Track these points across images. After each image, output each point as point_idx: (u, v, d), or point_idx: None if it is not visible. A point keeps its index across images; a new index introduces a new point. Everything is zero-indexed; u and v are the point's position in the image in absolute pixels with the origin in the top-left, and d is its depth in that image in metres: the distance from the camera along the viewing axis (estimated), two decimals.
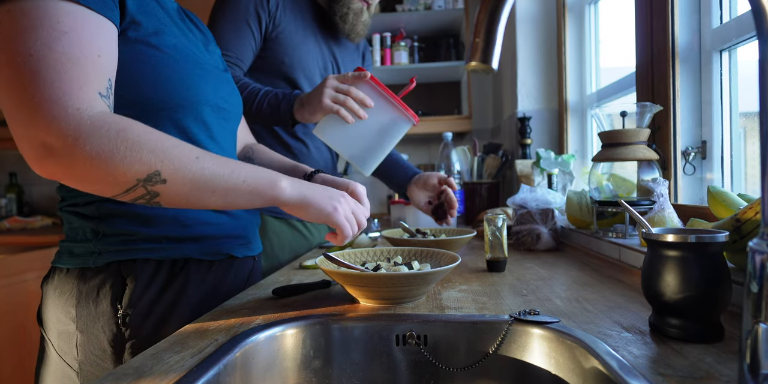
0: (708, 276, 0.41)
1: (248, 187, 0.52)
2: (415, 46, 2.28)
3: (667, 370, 0.36)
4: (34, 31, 0.44)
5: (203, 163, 0.49)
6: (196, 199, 0.50)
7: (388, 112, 0.86)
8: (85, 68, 0.46)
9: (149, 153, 0.46)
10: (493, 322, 0.50)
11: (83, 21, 0.47)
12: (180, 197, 0.49)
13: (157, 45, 0.56)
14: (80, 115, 0.44)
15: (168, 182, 0.47)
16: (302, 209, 0.57)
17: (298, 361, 0.51)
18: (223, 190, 0.51)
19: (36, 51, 0.43)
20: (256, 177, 0.53)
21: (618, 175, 0.89)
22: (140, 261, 0.59)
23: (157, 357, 0.42)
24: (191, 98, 0.60)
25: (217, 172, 0.50)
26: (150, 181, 0.46)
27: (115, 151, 0.44)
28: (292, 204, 0.56)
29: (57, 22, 0.45)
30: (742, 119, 0.82)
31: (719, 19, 0.83)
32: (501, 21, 0.41)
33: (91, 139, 0.43)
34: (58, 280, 0.59)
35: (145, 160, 0.45)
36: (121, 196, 0.47)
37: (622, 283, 0.66)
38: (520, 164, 1.43)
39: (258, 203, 0.54)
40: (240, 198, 0.52)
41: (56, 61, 0.44)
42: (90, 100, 0.45)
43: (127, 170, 0.45)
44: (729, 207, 0.59)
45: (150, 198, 0.48)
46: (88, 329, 0.57)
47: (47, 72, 0.43)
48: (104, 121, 0.44)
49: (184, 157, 0.48)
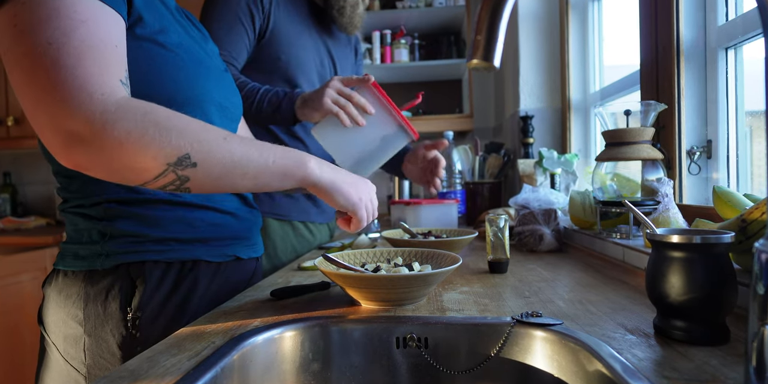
0: (713, 277, 0.40)
1: (278, 168, 0.52)
2: (416, 43, 2.26)
3: (672, 373, 0.36)
4: (51, 21, 0.43)
5: (231, 144, 0.48)
6: (226, 182, 0.49)
7: (387, 124, 0.85)
8: (105, 55, 0.45)
9: (178, 135, 0.45)
10: (495, 324, 0.50)
11: (99, 12, 0.46)
12: (210, 181, 0.48)
13: (163, 43, 0.56)
14: (105, 101, 0.43)
15: (198, 165, 0.46)
16: (330, 194, 0.57)
17: (296, 364, 0.50)
18: (253, 172, 0.50)
19: (55, 40, 0.43)
20: (285, 157, 0.53)
21: (622, 174, 0.89)
22: (149, 263, 0.58)
23: (153, 360, 0.41)
24: (196, 97, 0.59)
25: (246, 153, 0.49)
26: (180, 165, 0.45)
27: (144, 134, 0.43)
28: (321, 187, 0.57)
29: (74, 12, 0.44)
30: (748, 118, 0.81)
31: (725, 16, 0.82)
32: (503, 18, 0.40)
33: (118, 123, 0.42)
34: (62, 282, 0.58)
35: (175, 143, 0.44)
36: (152, 183, 0.46)
37: (626, 284, 0.66)
38: (522, 164, 1.42)
39: (288, 184, 0.54)
40: (270, 179, 0.52)
41: (76, 48, 0.43)
42: (113, 86, 0.44)
43: (157, 154, 0.44)
44: (735, 207, 0.59)
45: (180, 184, 0.47)
46: (97, 332, 0.56)
47: (68, 59, 0.43)
48: (129, 105, 0.44)
49: (212, 139, 0.47)
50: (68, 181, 0.59)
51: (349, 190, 0.58)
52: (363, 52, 2.15)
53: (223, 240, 0.65)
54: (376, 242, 1.08)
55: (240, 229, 0.68)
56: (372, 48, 2.19)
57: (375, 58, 2.18)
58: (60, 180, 0.60)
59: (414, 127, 0.88)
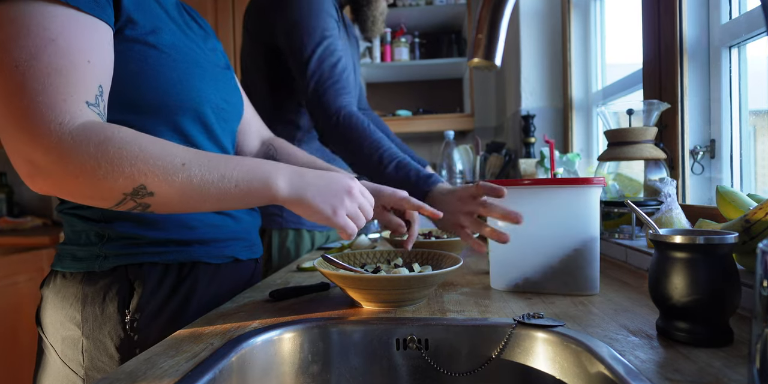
0: (717, 278, 0.40)
1: (240, 191, 0.49)
2: (416, 42, 2.26)
3: (674, 375, 0.36)
4: (20, 40, 0.43)
5: (190, 170, 0.47)
6: (189, 206, 0.49)
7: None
8: (71, 78, 0.44)
9: (131, 166, 0.44)
10: (496, 325, 0.49)
11: (72, 25, 0.45)
12: (172, 206, 0.48)
13: (155, 44, 0.55)
14: (62, 130, 0.43)
15: (156, 195, 0.46)
16: (300, 210, 0.55)
17: (295, 366, 0.50)
18: (215, 197, 0.48)
19: (22, 62, 0.42)
20: (250, 179, 0.50)
21: (624, 174, 0.88)
22: (147, 265, 0.58)
23: (151, 361, 0.41)
24: (191, 99, 0.59)
25: (206, 179, 0.47)
26: (137, 194, 0.45)
27: (96, 168, 0.43)
28: (290, 204, 0.54)
29: (44, 29, 0.43)
30: (752, 117, 0.81)
31: (728, 15, 0.82)
32: (504, 16, 0.40)
33: (72, 156, 0.42)
34: (60, 284, 0.58)
35: (128, 174, 0.44)
36: (114, 207, 0.47)
37: (629, 285, 0.65)
38: (523, 163, 1.41)
39: (255, 204, 0.53)
40: (235, 202, 0.50)
41: (41, 71, 0.43)
42: (74, 112, 0.44)
43: (112, 186, 0.44)
44: (738, 207, 0.58)
45: (143, 209, 0.48)
46: (94, 335, 0.56)
47: (32, 84, 0.42)
48: (85, 134, 0.43)
49: (169, 167, 0.46)
50: None
51: (321, 203, 0.53)
52: (362, 50, 2.16)
53: (222, 241, 0.65)
54: (376, 243, 1.07)
55: (238, 230, 0.68)
56: (372, 46, 2.18)
57: (375, 57, 2.17)
58: None
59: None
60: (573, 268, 0.60)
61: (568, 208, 0.59)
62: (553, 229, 0.60)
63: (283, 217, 1.05)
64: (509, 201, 0.62)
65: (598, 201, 0.60)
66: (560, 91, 1.54)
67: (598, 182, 0.58)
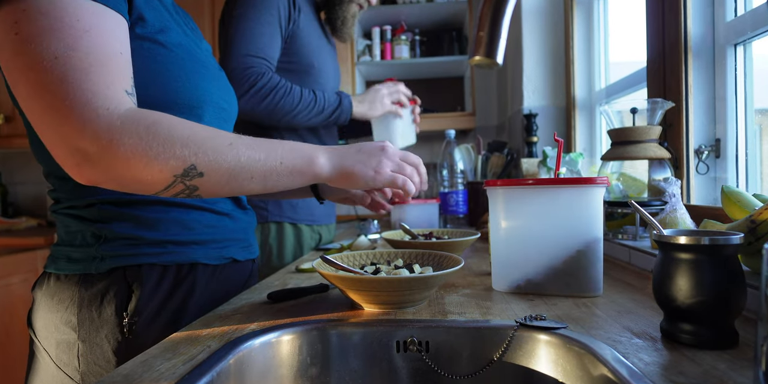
0: (722, 280, 0.39)
1: (286, 168, 0.52)
2: (417, 39, 2.25)
3: (679, 378, 0.35)
4: (55, 32, 0.43)
5: (238, 149, 0.49)
6: (236, 186, 0.50)
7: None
8: (110, 67, 0.45)
9: (182, 147, 0.45)
10: (498, 327, 0.49)
11: (101, 18, 0.46)
12: (219, 187, 0.49)
13: (163, 42, 0.56)
14: (111, 116, 0.43)
15: (206, 175, 0.47)
16: (346, 181, 0.57)
17: (294, 369, 0.49)
18: (261, 175, 0.50)
19: (61, 53, 0.43)
20: (294, 156, 0.53)
21: (628, 174, 0.88)
22: (145, 266, 0.57)
23: (148, 364, 0.41)
24: (197, 98, 0.59)
25: (253, 157, 0.49)
26: (187, 175, 0.46)
27: (148, 149, 0.44)
28: (335, 179, 0.56)
29: (76, 21, 0.44)
30: (758, 116, 0.80)
31: (734, 12, 0.81)
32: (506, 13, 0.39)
33: (123, 139, 0.43)
34: (54, 286, 0.57)
35: (180, 155, 0.45)
36: (162, 192, 0.48)
37: (632, 286, 0.64)
38: (526, 163, 1.41)
39: (299, 183, 0.54)
40: (280, 180, 0.52)
41: (81, 61, 0.43)
42: (118, 99, 0.45)
43: (163, 167, 0.45)
44: (744, 208, 0.58)
45: (190, 192, 0.48)
46: (91, 338, 0.55)
47: (74, 74, 0.43)
48: (134, 118, 0.44)
49: (218, 147, 0.47)
50: (61, 183, 0.58)
51: (362, 169, 0.57)
52: (362, 48, 2.16)
53: (220, 242, 0.65)
54: (375, 244, 1.07)
55: (235, 231, 0.68)
56: (372, 44, 2.17)
57: (375, 55, 2.16)
58: (52, 181, 0.60)
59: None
60: (576, 269, 0.59)
61: (570, 208, 0.59)
62: (555, 229, 0.60)
63: (267, 210, 1.06)
64: (512, 201, 0.62)
65: (601, 201, 0.59)
66: (563, 89, 1.53)
67: (602, 182, 0.58)
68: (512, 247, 0.62)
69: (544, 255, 0.61)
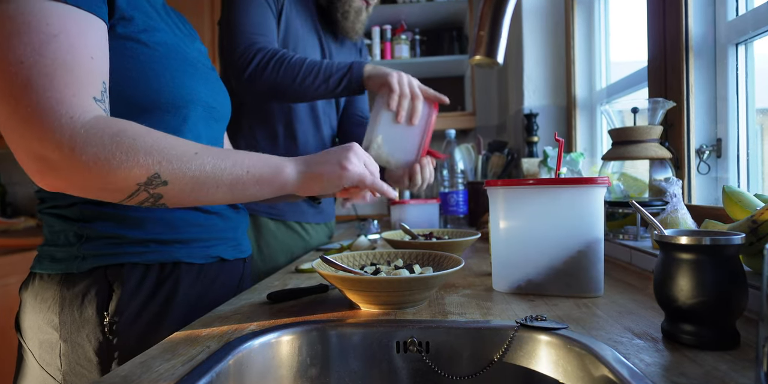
0: (723, 280, 0.39)
1: (252, 177, 0.51)
2: (417, 39, 2.24)
3: (680, 379, 0.35)
4: (23, 36, 0.42)
5: (203, 158, 0.48)
6: (201, 196, 0.50)
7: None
8: (77, 73, 0.45)
9: (146, 155, 0.45)
10: (498, 328, 0.49)
11: (72, 21, 0.45)
12: (184, 196, 0.49)
13: (146, 42, 0.55)
14: (74, 124, 0.43)
15: (170, 183, 0.47)
16: (315, 184, 0.56)
17: (294, 369, 0.49)
18: (227, 184, 0.50)
19: (27, 58, 0.42)
20: (261, 165, 0.52)
21: (629, 174, 0.87)
22: (127, 266, 0.57)
23: (146, 365, 0.41)
24: (183, 97, 0.58)
25: (218, 166, 0.49)
26: (151, 184, 0.46)
27: (111, 158, 0.43)
28: (303, 185, 0.56)
29: (46, 25, 0.43)
30: (759, 116, 0.80)
31: (735, 11, 0.81)
32: (507, 13, 0.39)
33: (86, 147, 0.43)
34: (39, 286, 0.57)
35: (143, 164, 0.45)
36: (126, 200, 0.47)
37: (633, 287, 0.64)
38: (526, 163, 1.40)
39: (267, 193, 0.54)
40: (247, 189, 0.52)
41: (48, 67, 0.43)
42: (84, 107, 0.44)
43: (126, 176, 0.44)
44: (745, 208, 0.58)
45: (155, 201, 0.48)
46: (73, 338, 0.55)
47: (39, 80, 0.42)
48: (98, 127, 0.44)
49: (182, 155, 0.47)
50: None
51: (327, 169, 0.56)
52: None
53: (206, 241, 0.64)
54: (375, 244, 1.07)
55: (224, 229, 0.67)
56: (372, 44, 2.17)
57: (375, 54, 2.16)
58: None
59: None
60: (576, 269, 0.59)
61: (571, 208, 0.59)
62: (556, 229, 0.60)
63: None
64: (512, 201, 0.61)
65: (602, 201, 0.59)
66: (564, 89, 1.53)
67: (602, 182, 0.58)
68: (513, 248, 0.62)
69: (544, 255, 0.60)
